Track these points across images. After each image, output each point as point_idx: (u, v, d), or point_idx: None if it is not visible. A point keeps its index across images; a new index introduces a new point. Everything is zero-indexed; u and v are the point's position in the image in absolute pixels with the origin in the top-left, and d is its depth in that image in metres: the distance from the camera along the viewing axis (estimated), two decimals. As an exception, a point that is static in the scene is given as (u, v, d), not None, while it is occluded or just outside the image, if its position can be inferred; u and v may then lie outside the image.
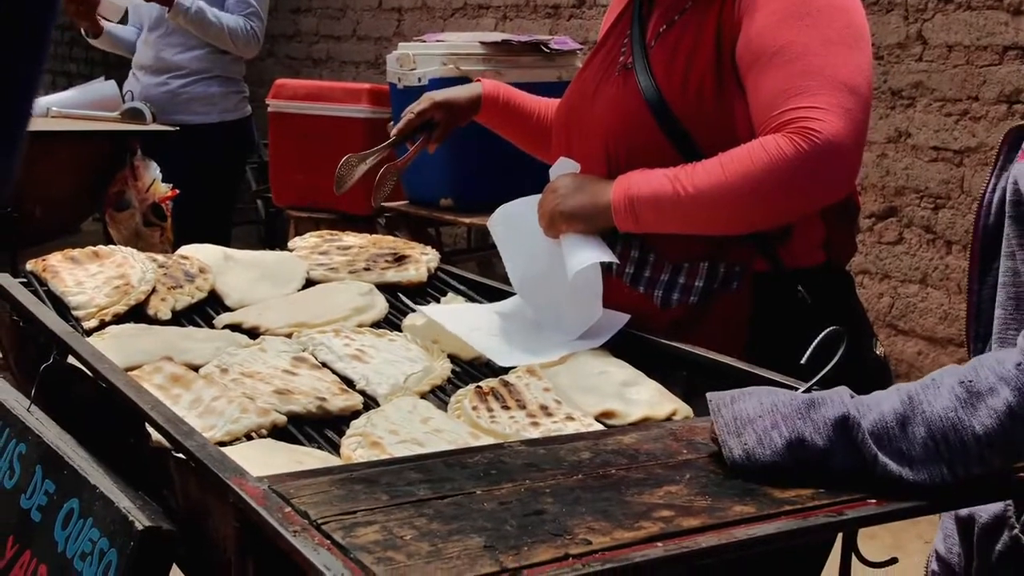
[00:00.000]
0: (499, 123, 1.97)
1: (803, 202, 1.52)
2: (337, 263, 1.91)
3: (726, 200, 1.48)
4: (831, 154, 1.44)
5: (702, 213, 1.51)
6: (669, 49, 1.60)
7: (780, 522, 0.94)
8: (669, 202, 1.51)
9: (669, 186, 1.51)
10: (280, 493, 0.94)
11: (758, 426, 1.03)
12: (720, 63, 1.56)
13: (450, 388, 1.50)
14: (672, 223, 1.54)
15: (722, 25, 1.56)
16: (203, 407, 1.35)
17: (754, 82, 1.52)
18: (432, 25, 6.04)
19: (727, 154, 1.49)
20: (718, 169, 1.49)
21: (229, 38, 3.86)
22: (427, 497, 0.95)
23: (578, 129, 1.71)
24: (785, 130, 1.46)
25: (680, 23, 1.61)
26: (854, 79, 1.49)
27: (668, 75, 1.59)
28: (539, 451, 1.09)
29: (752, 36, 1.53)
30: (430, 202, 3.71)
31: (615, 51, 1.71)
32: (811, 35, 1.50)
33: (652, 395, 1.44)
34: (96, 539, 1.14)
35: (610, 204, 1.56)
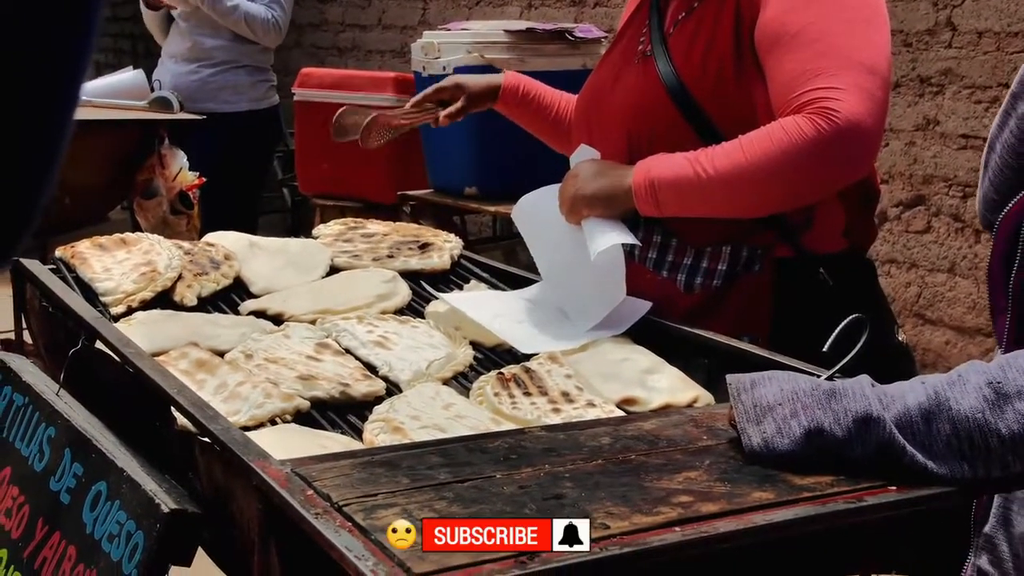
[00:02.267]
0: (518, 114, 1.98)
1: (823, 182, 1.52)
2: (361, 250, 1.92)
3: (746, 181, 1.49)
4: (851, 134, 1.45)
5: (723, 195, 1.51)
6: (688, 36, 1.61)
7: (799, 508, 0.94)
8: (690, 185, 1.51)
9: (690, 169, 1.51)
10: (303, 476, 0.96)
11: (778, 414, 1.03)
12: (739, 47, 1.56)
13: (472, 375, 1.51)
14: (693, 206, 1.54)
15: (740, 9, 1.56)
16: (228, 392, 1.37)
17: (773, 64, 1.52)
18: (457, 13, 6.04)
19: (747, 136, 1.50)
20: (738, 151, 1.49)
21: (247, 25, 3.88)
22: (447, 481, 0.96)
23: (598, 117, 1.72)
24: (805, 111, 1.46)
25: (699, 10, 1.62)
26: (873, 59, 1.49)
27: (687, 61, 1.59)
28: (559, 436, 1.09)
29: (771, 19, 1.53)
30: (455, 190, 3.71)
31: (634, 40, 1.72)
32: (830, 16, 1.50)
33: (673, 382, 1.44)
34: (123, 521, 1.15)
35: (631, 188, 1.56)
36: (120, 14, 8.39)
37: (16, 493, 1.34)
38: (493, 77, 1.95)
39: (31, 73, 0.34)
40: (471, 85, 1.93)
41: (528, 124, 2.00)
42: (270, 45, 4.02)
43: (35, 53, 0.34)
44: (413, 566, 0.81)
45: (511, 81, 1.94)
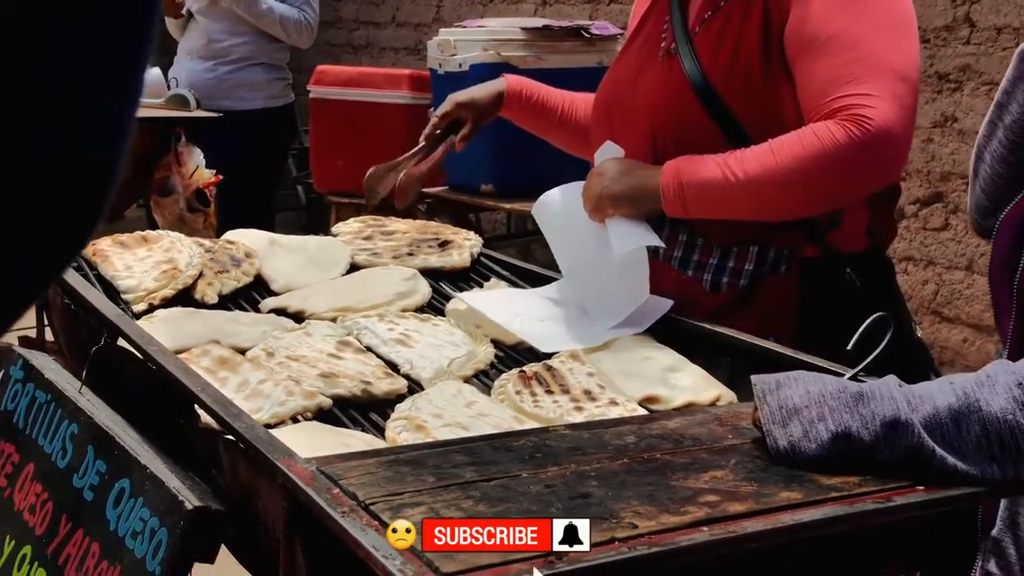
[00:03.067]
0: (524, 117, 1.96)
1: (853, 189, 1.53)
2: (381, 248, 1.92)
3: (776, 186, 1.48)
4: (883, 141, 1.45)
5: (752, 199, 1.51)
6: (715, 35, 1.60)
7: (827, 508, 0.93)
8: (719, 188, 1.51)
9: (719, 172, 1.51)
10: (328, 474, 0.95)
11: (804, 417, 1.02)
12: (767, 47, 1.56)
13: (493, 372, 1.51)
14: (721, 209, 1.54)
15: (769, 11, 1.56)
16: (249, 390, 1.37)
17: (804, 69, 1.52)
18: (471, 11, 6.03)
19: (777, 140, 1.49)
20: (768, 155, 1.49)
21: (282, 28, 3.91)
22: (473, 479, 0.96)
23: (620, 115, 1.71)
24: (837, 117, 1.46)
25: (725, 9, 1.61)
26: (904, 66, 1.49)
27: (714, 60, 1.58)
28: (584, 435, 1.09)
29: (802, 23, 1.53)
30: (471, 188, 3.71)
31: (654, 37, 1.71)
32: (862, 22, 1.50)
33: (696, 381, 1.44)
34: (147, 518, 1.16)
35: (659, 188, 1.56)
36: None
37: (39, 490, 1.34)
38: (494, 85, 1.92)
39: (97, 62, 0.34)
40: (476, 100, 1.90)
41: (534, 127, 1.99)
42: (304, 45, 4.04)
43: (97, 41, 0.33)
44: (441, 565, 0.81)
45: (514, 86, 1.93)
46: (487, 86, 1.93)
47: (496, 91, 1.91)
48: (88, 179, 0.35)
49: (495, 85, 1.92)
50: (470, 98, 1.90)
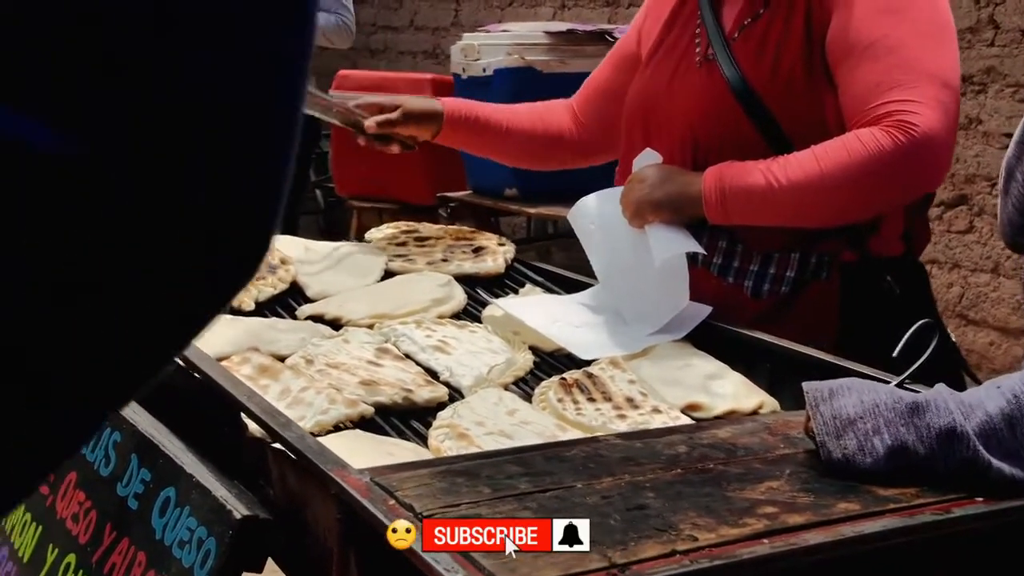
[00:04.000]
0: (467, 137, 1.94)
1: (898, 195, 1.52)
2: (415, 254, 1.92)
3: (821, 193, 1.48)
4: (928, 147, 1.45)
5: (795, 206, 1.50)
6: (756, 42, 1.60)
7: (886, 519, 0.93)
8: (762, 195, 1.50)
9: (762, 178, 1.50)
10: (383, 485, 0.95)
11: (859, 429, 1.01)
12: (810, 54, 1.55)
13: (532, 380, 1.50)
14: (763, 216, 1.54)
15: (811, 17, 1.56)
16: (291, 398, 1.37)
17: (847, 75, 1.52)
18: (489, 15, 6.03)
19: (821, 147, 1.49)
20: (812, 162, 1.48)
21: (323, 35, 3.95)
22: (529, 490, 0.95)
23: (654, 122, 1.71)
24: (882, 123, 1.45)
25: (766, 16, 1.60)
26: (947, 72, 1.49)
27: (756, 67, 1.58)
28: (635, 444, 1.08)
29: (844, 29, 1.52)
30: (494, 192, 3.70)
31: (682, 43, 1.70)
32: (904, 28, 1.49)
33: (738, 388, 1.43)
34: (194, 528, 1.15)
35: (700, 195, 1.55)
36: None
37: (83, 498, 1.34)
38: (430, 102, 1.91)
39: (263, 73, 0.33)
40: (408, 102, 1.89)
41: (479, 145, 1.98)
42: (344, 47, 4.07)
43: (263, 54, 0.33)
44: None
45: (452, 107, 1.91)
46: (423, 99, 1.93)
47: (431, 107, 1.90)
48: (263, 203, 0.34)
49: (430, 103, 1.91)
50: (402, 100, 1.90)
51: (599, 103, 1.92)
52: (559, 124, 1.95)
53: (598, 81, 1.95)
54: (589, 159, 2.01)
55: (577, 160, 2.00)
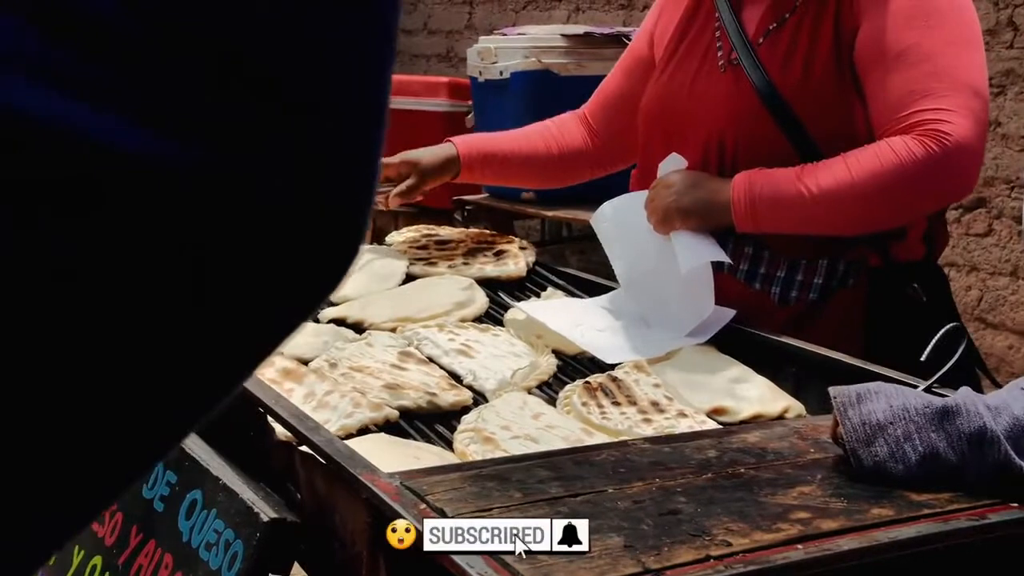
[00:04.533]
0: (489, 173, 1.93)
1: (929, 204, 1.53)
2: (436, 257, 1.91)
3: (852, 201, 1.47)
4: (960, 156, 1.44)
5: (826, 214, 1.50)
6: (784, 47, 1.59)
7: (920, 525, 0.92)
8: (792, 202, 1.50)
9: (793, 187, 1.49)
10: (413, 489, 0.95)
11: (889, 435, 1.01)
12: (839, 62, 1.55)
13: (555, 383, 1.50)
14: (793, 223, 1.53)
15: (840, 23, 1.55)
16: (316, 401, 1.36)
17: (877, 83, 1.51)
18: (503, 18, 6.03)
19: (852, 155, 1.48)
20: (844, 170, 1.47)
21: None
22: (560, 495, 0.95)
23: (676, 127, 1.69)
24: (914, 132, 1.45)
25: (792, 21, 1.60)
26: (977, 80, 1.49)
27: (785, 73, 1.57)
28: (664, 449, 1.08)
29: (873, 37, 1.52)
30: (512, 195, 3.70)
31: (701, 47, 1.69)
32: (934, 36, 1.49)
33: (763, 392, 1.42)
34: (221, 530, 1.15)
35: (729, 203, 1.54)
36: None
37: (108, 501, 1.34)
38: (442, 150, 1.89)
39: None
40: (424, 160, 1.87)
41: (502, 176, 1.97)
42: None
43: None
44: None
45: (465, 148, 1.88)
46: (435, 150, 1.89)
47: (445, 156, 1.87)
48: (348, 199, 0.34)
49: (443, 150, 1.89)
50: (416, 158, 1.87)
51: (613, 112, 1.91)
52: (573, 140, 1.94)
53: (610, 89, 1.94)
54: (608, 168, 1.99)
55: (595, 171, 1.99)
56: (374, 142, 0.34)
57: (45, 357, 0.28)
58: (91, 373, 0.29)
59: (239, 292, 0.31)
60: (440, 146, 1.89)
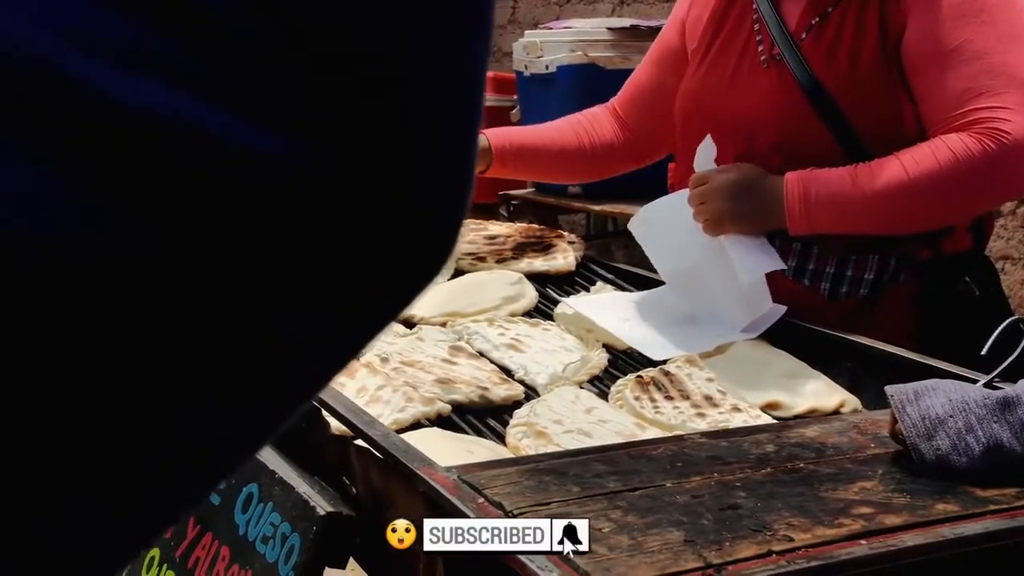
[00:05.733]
0: (522, 166, 1.90)
1: (989, 202, 1.51)
2: (484, 252, 1.91)
3: (909, 201, 1.45)
4: (1019, 154, 1.43)
5: (883, 214, 1.47)
6: (828, 42, 1.57)
7: (987, 521, 0.90)
8: (848, 204, 1.47)
9: (848, 188, 1.47)
10: (471, 483, 0.95)
11: (950, 428, 0.99)
12: (886, 59, 1.53)
13: (607, 378, 1.49)
14: (850, 225, 1.50)
15: (885, 17, 1.53)
16: (369, 396, 1.37)
17: (930, 80, 1.49)
18: (547, 12, 6.02)
19: (906, 154, 1.46)
20: (899, 169, 1.45)
21: None
22: (618, 489, 0.94)
23: (716, 123, 1.67)
24: (971, 130, 1.43)
25: (835, 15, 1.57)
26: None
27: (830, 69, 1.55)
28: (722, 443, 1.07)
29: (923, 33, 1.50)
30: (558, 189, 3.69)
31: (739, 41, 1.66)
32: (987, 32, 1.46)
33: (818, 386, 1.41)
34: (277, 523, 1.16)
35: (783, 206, 1.51)
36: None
37: (165, 494, 1.35)
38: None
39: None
40: None
41: (534, 170, 1.95)
42: None
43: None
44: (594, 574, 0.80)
45: (498, 141, 1.85)
46: None
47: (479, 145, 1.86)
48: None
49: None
50: None
51: (644, 104, 1.89)
52: (604, 133, 1.91)
53: (641, 81, 1.91)
54: (640, 162, 1.97)
55: (629, 164, 1.96)
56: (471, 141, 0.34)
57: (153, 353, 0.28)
58: (189, 372, 0.29)
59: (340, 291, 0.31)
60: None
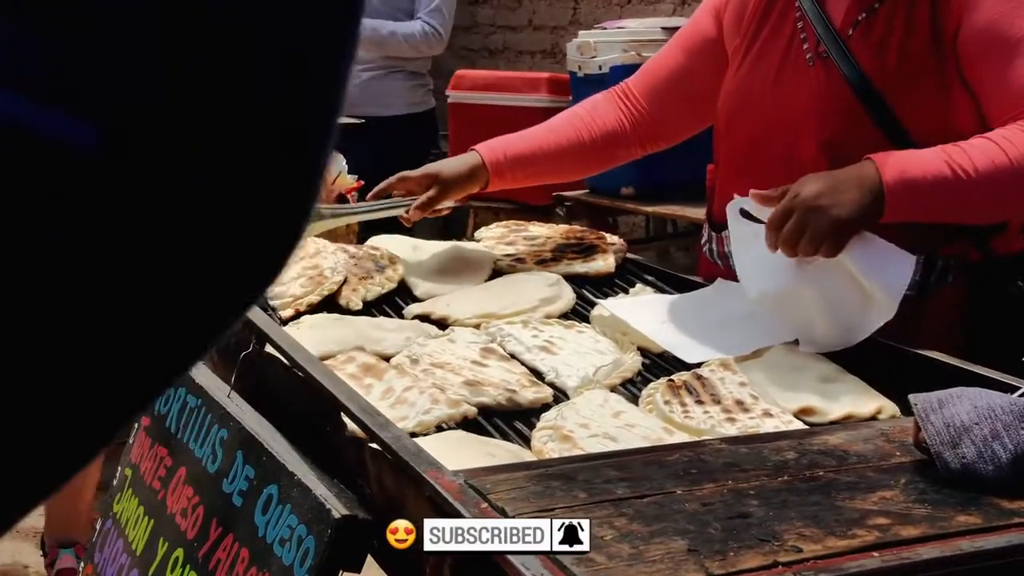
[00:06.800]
0: (521, 175, 1.83)
1: None
2: (523, 253, 1.90)
3: (1010, 185, 1.40)
4: None
5: (982, 198, 1.42)
6: (876, 38, 1.52)
7: (1011, 534, 0.86)
8: (949, 186, 1.39)
9: (948, 169, 1.39)
10: (476, 488, 0.93)
11: (976, 435, 0.95)
12: (940, 53, 1.48)
13: (640, 381, 1.47)
14: (943, 210, 1.43)
15: (938, 13, 1.48)
16: (394, 397, 1.36)
17: (995, 72, 1.45)
18: (608, 13, 5.98)
19: (1000, 137, 1.41)
20: (998, 152, 1.39)
21: (407, 45, 3.91)
22: (626, 496, 0.92)
23: (762, 123, 1.63)
24: None
25: (884, 11, 1.53)
26: None
27: (879, 65, 1.51)
28: (741, 450, 1.04)
29: (985, 25, 1.46)
30: (611, 190, 3.66)
31: (783, 38, 1.62)
32: None
33: (855, 392, 1.37)
34: (294, 525, 1.16)
35: (881, 192, 1.38)
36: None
37: (191, 493, 1.36)
38: (468, 158, 1.80)
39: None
40: (445, 171, 1.79)
41: (536, 175, 1.87)
42: (435, 53, 4.04)
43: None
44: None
45: (491, 155, 1.79)
46: (459, 160, 1.82)
47: (470, 165, 1.79)
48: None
49: (468, 159, 1.80)
50: (437, 170, 1.80)
51: (665, 88, 1.82)
52: (606, 121, 1.84)
53: (667, 64, 1.84)
54: (645, 148, 1.89)
55: (633, 151, 1.89)
56: (315, 137, 0.32)
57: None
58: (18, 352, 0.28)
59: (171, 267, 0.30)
60: (465, 155, 1.82)
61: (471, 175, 1.79)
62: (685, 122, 1.85)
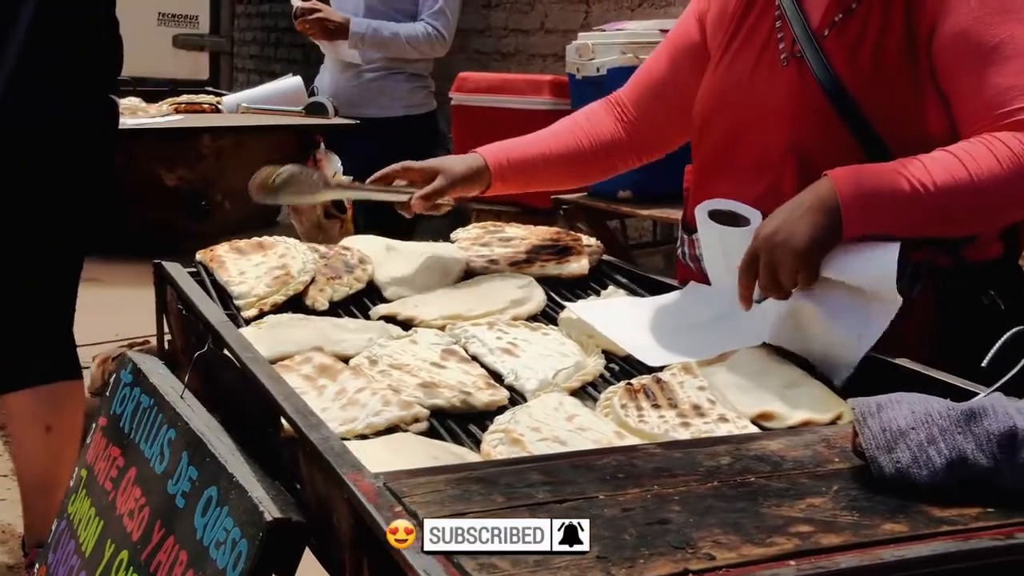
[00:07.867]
0: (524, 179, 1.82)
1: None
2: (498, 255, 1.87)
3: (970, 200, 1.36)
4: None
5: (940, 213, 1.37)
6: (850, 39, 1.49)
7: (936, 543, 0.83)
8: (907, 201, 1.35)
9: (905, 184, 1.35)
10: (393, 491, 0.91)
11: (912, 440, 0.92)
12: (914, 57, 1.45)
13: (602, 384, 1.44)
14: (901, 226, 1.37)
15: (913, 16, 1.45)
16: (346, 399, 1.34)
17: (968, 79, 1.42)
18: (620, 16, 5.95)
19: (960, 149, 1.37)
20: (957, 166, 1.36)
21: (410, 47, 3.89)
22: (545, 500, 0.90)
23: (737, 122, 1.60)
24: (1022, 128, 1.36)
25: (859, 12, 1.50)
26: None
27: (853, 67, 1.48)
28: (675, 455, 1.01)
29: (959, 31, 1.43)
30: (608, 193, 3.63)
31: (759, 37, 1.59)
32: None
33: (816, 397, 1.34)
34: (230, 528, 1.14)
35: (838, 207, 1.35)
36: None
37: (139, 495, 1.35)
38: (472, 159, 1.79)
39: None
40: (449, 166, 1.77)
41: (535, 185, 1.85)
42: (438, 55, 4.02)
43: None
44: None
45: (494, 159, 1.78)
46: (464, 159, 1.80)
47: (474, 166, 1.77)
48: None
49: (472, 160, 1.79)
50: (441, 163, 1.78)
51: (652, 97, 1.81)
52: (604, 130, 1.83)
53: (653, 74, 1.83)
54: (641, 157, 1.88)
55: (630, 161, 1.87)
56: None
57: None
58: None
59: None
60: (468, 156, 1.81)
61: (474, 176, 1.79)
62: (674, 132, 1.83)
